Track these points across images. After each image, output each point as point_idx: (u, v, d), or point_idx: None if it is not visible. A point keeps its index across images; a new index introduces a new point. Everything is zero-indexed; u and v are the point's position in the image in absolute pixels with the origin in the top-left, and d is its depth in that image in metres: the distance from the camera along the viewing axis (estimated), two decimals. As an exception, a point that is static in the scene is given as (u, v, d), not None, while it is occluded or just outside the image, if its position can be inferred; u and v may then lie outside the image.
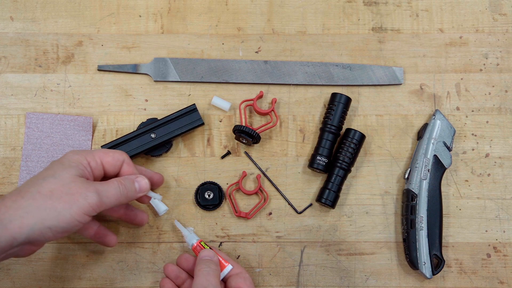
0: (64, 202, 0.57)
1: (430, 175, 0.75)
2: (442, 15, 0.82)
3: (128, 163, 0.66)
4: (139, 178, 0.66)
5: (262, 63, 0.80)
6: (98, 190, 0.60)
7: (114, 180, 0.63)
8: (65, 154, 0.63)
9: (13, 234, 0.55)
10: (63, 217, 0.57)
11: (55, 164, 0.61)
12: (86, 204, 0.58)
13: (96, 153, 0.64)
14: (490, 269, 0.76)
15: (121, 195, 0.63)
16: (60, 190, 0.58)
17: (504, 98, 0.80)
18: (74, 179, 0.59)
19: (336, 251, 0.77)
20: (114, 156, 0.65)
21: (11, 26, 0.81)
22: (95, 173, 0.64)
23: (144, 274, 0.76)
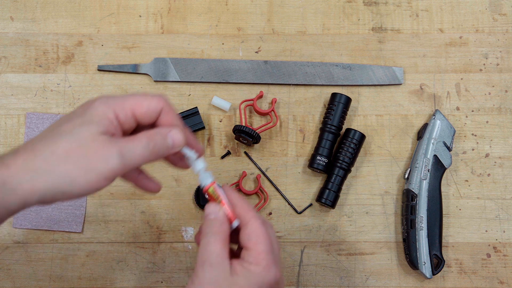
0: (80, 167, 0.49)
1: (430, 175, 0.75)
2: (442, 15, 0.82)
3: (167, 111, 0.54)
4: (173, 132, 0.53)
5: (262, 63, 0.80)
6: (122, 151, 0.50)
7: (143, 136, 0.52)
8: (92, 103, 0.52)
9: (24, 198, 0.49)
10: (78, 184, 0.49)
11: (76, 117, 0.51)
12: (106, 169, 0.49)
13: (128, 102, 0.52)
14: (490, 269, 0.76)
15: (150, 154, 0.52)
16: (77, 152, 0.49)
17: (504, 98, 0.80)
18: (94, 138, 0.50)
19: (336, 251, 0.77)
20: (149, 106, 0.53)
21: (11, 26, 0.81)
22: (124, 127, 0.53)
23: (144, 274, 0.76)
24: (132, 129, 0.54)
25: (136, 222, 0.77)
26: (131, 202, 0.77)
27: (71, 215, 0.76)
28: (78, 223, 0.76)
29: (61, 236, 0.76)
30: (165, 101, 0.54)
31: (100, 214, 0.77)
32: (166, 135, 0.53)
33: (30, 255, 0.76)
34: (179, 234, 0.76)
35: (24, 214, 0.76)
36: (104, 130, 0.50)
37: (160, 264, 0.76)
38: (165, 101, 0.54)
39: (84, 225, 0.76)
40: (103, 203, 0.77)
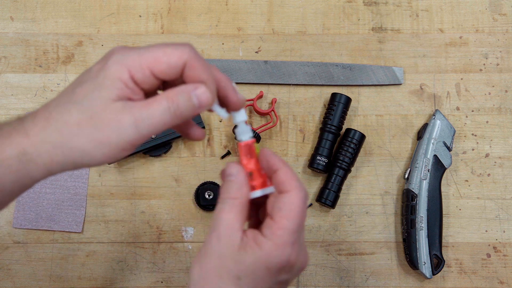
0: (93, 141, 0.45)
1: (430, 175, 0.75)
2: (442, 15, 0.82)
3: (192, 65, 0.46)
4: (199, 90, 0.47)
5: (262, 63, 0.80)
6: (137, 120, 0.45)
7: (162, 98, 0.46)
8: (106, 60, 0.47)
9: (46, 168, 0.47)
10: (94, 158, 0.46)
11: (89, 79, 0.47)
12: (120, 141, 0.45)
13: (144, 59, 0.46)
14: (490, 269, 0.76)
15: (173, 118, 0.46)
16: (89, 123, 0.45)
17: (504, 98, 0.80)
18: (105, 106, 0.45)
19: (336, 251, 0.77)
20: (169, 62, 0.46)
21: (11, 26, 0.81)
22: (144, 86, 0.47)
23: (144, 274, 0.76)
24: (155, 87, 0.48)
25: (136, 222, 0.77)
26: (131, 202, 0.77)
27: (71, 215, 0.76)
28: (78, 223, 0.76)
29: (61, 236, 0.76)
30: (189, 53, 0.46)
31: (100, 214, 0.77)
32: (191, 93, 0.46)
33: (30, 255, 0.76)
34: (179, 234, 0.76)
35: (24, 214, 0.76)
36: (117, 94, 0.45)
37: (160, 264, 0.76)
38: (189, 53, 0.46)
39: (84, 225, 0.76)
40: (103, 203, 0.77)
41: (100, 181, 0.77)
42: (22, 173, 0.46)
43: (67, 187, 0.77)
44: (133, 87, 0.46)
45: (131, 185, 0.77)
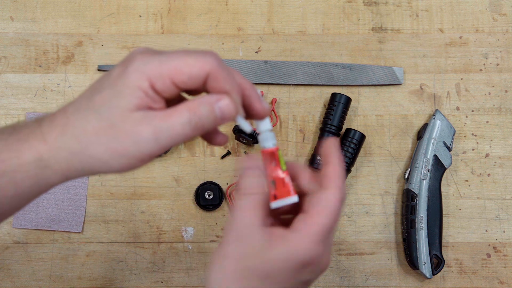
0: (110, 151, 0.44)
1: (430, 175, 0.75)
2: (442, 15, 0.82)
3: (216, 77, 0.44)
4: (223, 102, 0.44)
5: (262, 63, 0.80)
6: (157, 132, 0.43)
7: (184, 109, 0.44)
8: (126, 67, 0.45)
9: (64, 174, 0.46)
10: (111, 167, 0.45)
11: (108, 87, 0.45)
12: (138, 154, 0.44)
13: (165, 69, 0.44)
14: (490, 269, 0.76)
15: (194, 130, 0.44)
16: (107, 133, 0.44)
17: (504, 98, 0.80)
18: (124, 117, 0.44)
19: (336, 251, 0.76)
20: (191, 74, 0.44)
21: (11, 26, 0.81)
22: (164, 95, 0.45)
23: (144, 274, 0.76)
24: (176, 96, 0.46)
25: (136, 222, 0.77)
26: (131, 202, 0.77)
27: (71, 215, 0.76)
28: (78, 223, 0.76)
29: (61, 236, 0.76)
30: (212, 64, 0.44)
31: (100, 214, 0.77)
32: (214, 105, 0.44)
33: (30, 255, 0.76)
34: (179, 234, 0.76)
35: (24, 214, 0.76)
36: (136, 104, 0.44)
37: (160, 264, 0.76)
38: (212, 63, 0.44)
39: (84, 225, 0.76)
40: (103, 203, 0.77)
41: (100, 181, 0.77)
42: (39, 178, 0.45)
43: (67, 187, 0.77)
44: (153, 95, 0.44)
45: (131, 185, 0.77)
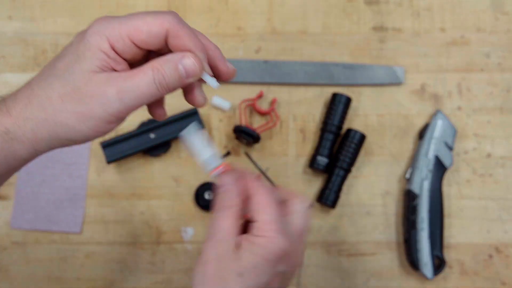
0: (77, 115, 0.44)
1: (431, 175, 0.75)
2: (444, 14, 0.81)
3: (176, 34, 0.45)
4: (186, 59, 0.45)
5: (262, 62, 0.80)
6: (121, 92, 0.44)
7: (147, 69, 0.45)
8: (85, 32, 0.45)
9: (32, 147, 0.46)
10: (79, 132, 0.45)
11: (70, 52, 0.46)
12: (104, 115, 0.44)
13: (124, 28, 0.45)
14: (492, 270, 0.76)
15: (159, 89, 0.45)
16: (72, 96, 0.44)
17: (506, 98, 0.79)
18: (88, 79, 0.44)
19: (337, 251, 0.76)
20: (150, 32, 0.44)
21: (9, 26, 0.80)
22: (126, 56, 0.46)
23: (143, 275, 0.75)
24: (140, 57, 0.47)
25: (136, 223, 0.76)
26: (130, 202, 0.77)
27: (70, 216, 0.76)
28: (77, 224, 0.76)
29: (60, 237, 0.76)
30: (172, 21, 0.45)
31: (99, 215, 0.76)
32: (177, 63, 0.45)
33: (28, 256, 0.75)
34: (179, 234, 0.76)
35: (22, 215, 0.75)
36: (99, 65, 0.44)
37: (159, 265, 0.75)
38: (172, 21, 0.45)
39: (83, 226, 0.76)
40: (102, 203, 0.76)
41: (99, 181, 0.77)
42: (6, 152, 0.46)
43: (66, 188, 0.76)
44: (115, 57, 0.45)
45: (131, 185, 0.77)
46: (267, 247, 0.47)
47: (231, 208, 0.49)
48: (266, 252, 0.47)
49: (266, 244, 0.47)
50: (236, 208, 0.49)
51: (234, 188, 0.49)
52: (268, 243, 0.47)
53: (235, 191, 0.49)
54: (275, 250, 0.47)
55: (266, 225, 0.48)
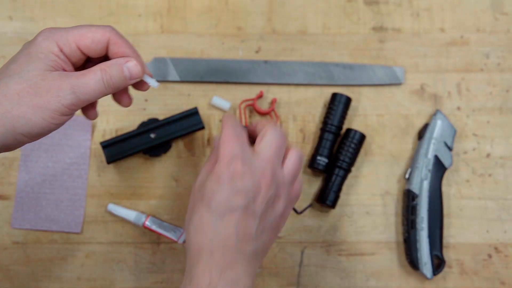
0: (33, 107, 0.49)
1: (431, 175, 0.75)
2: (443, 15, 0.81)
3: (116, 42, 0.53)
4: (130, 63, 0.53)
5: (262, 62, 0.80)
6: (74, 87, 0.50)
7: (96, 69, 0.52)
8: (34, 39, 0.52)
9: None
10: (35, 124, 0.50)
11: (23, 56, 0.51)
12: (59, 106, 0.50)
13: (71, 35, 0.52)
14: (491, 269, 0.76)
15: (106, 87, 0.52)
16: (28, 91, 0.49)
17: (505, 98, 0.80)
18: (43, 76, 0.50)
19: (337, 251, 0.76)
20: (94, 38, 0.52)
21: (10, 26, 0.80)
22: (72, 60, 0.53)
23: (143, 275, 0.75)
24: (81, 62, 0.54)
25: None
26: (131, 202, 0.77)
27: (70, 216, 0.76)
28: (77, 224, 0.76)
29: (60, 237, 0.76)
30: (111, 32, 0.53)
31: (99, 215, 0.76)
32: (122, 66, 0.53)
33: (29, 256, 0.75)
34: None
35: (23, 214, 0.76)
36: (52, 66, 0.51)
37: (159, 265, 0.76)
38: (111, 31, 0.53)
39: (83, 226, 0.76)
40: (102, 203, 0.76)
41: (100, 181, 0.77)
42: None
43: (66, 187, 0.76)
44: (64, 59, 0.52)
45: (131, 185, 0.77)
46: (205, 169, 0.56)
47: (238, 126, 0.57)
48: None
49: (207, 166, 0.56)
50: (245, 137, 0.57)
51: (239, 122, 0.58)
52: (219, 167, 0.54)
53: (241, 124, 0.59)
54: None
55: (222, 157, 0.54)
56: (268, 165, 0.55)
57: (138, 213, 0.74)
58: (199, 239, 0.53)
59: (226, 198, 0.53)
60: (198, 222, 0.53)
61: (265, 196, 0.54)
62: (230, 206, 0.52)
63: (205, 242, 0.53)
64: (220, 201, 0.53)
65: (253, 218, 0.53)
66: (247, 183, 0.53)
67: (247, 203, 0.53)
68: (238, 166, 0.53)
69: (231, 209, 0.52)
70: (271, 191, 0.54)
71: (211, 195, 0.53)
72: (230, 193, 0.53)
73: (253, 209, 0.53)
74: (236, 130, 0.56)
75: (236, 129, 0.56)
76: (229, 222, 0.52)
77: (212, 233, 0.53)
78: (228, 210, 0.52)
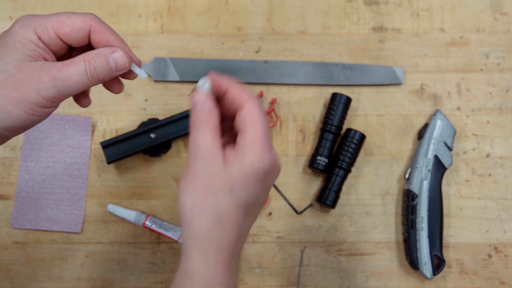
0: (12, 100, 0.46)
1: (430, 175, 0.75)
2: (443, 15, 0.81)
3: (99, 30, 0.49)
4: (116, 54, 0.49)
5: (262, 62, 0.80)
6: (55, 79, 0.47)
7: (80, 60, 0.48)
8: (11, 28, 0.48)
9: None
10: (17, 118, 0.47)
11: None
12: (40, 99, 0.47)
13: (49, 22, 0.49)
14: (491, 269, 0.76)
15: (90, 79, 0.48)
16: (7, 84, 0.46)
17: (505, 98, 0.80)
18: (22, 67, 0.47)
19: (337, 251, 0.76)
20: (74, 26, 0.49)
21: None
22: (52, 48, 0.49)
23: (144, 275, 0.75)
24: (63, 51, 0.50)
25: (136, 223, 0.76)
26: (131, 202, 0.77)
27: (71, 215, 0.76)
28: (77, 223, 0.76)
29: (61, 237, 0.76)
30: (93, 20, 0.49)
31: (99, 214, 0.76)
32: (108, 57, 0.49)
33: (29, 256, 0.75)
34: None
35: (23, 214, 0.76)
36: (31, 55, 0.47)
37: (159, 265, 0.76)
38: (93, 19, 0.49)
39: (84, 226, 0.76)
40: (102, 203, 0.77)
41: (100, 181, 0.77)
42: None
43: (67, 187, 0.76)
44: (44, 47, 0.48)
45: (131, 185, 0.77)
46: (258, 161, 0.47)
47: (209, 123, 0.48)
48: (257, 167, 0.47)
49: (257, 158, 0.47)
50: (214, 123, 0.49)
51: (209, 104, 0.49)
52: (259, 157, 0.47)
53: (210, 107, 0.49)
54: (265, 166, 0.47)
55: (257, 139, 0.48)
56: (257, 175, 0.48)
57: (138, 213, 0.74)
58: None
59: (254, 195, 0.48)
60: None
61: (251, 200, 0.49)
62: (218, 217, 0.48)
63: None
64: (249, 196, 0.48)
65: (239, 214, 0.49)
66: (272, 181, 0.50)
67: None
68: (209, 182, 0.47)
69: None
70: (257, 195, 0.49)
71: (243, 188, 0.48)
72: (260, 190, 0.49)
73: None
74: (208, 126, 0.49)
75: (208, 124, 0.49)
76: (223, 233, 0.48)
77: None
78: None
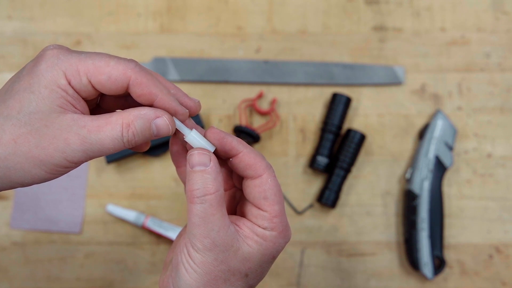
0: (34, 160, 0.40)
1: (431, 176, 0.75)
2: (444, 14, 0.81)
3: (140, 82, 0.41)
4: (160, 120, 0.41)
5: (262, 62, 0.79)
6: (85, 142, 0.40)
7: (117, 123, 0.40)
8: (38, 62, 0.41)
9: None
10: (35, 176, 0.41)
11: (23, 89, 0.40)
12: (64, 162, 0.40)
13: (83, 65, 0.40)
14: (492, 270, 0.76)
15: (125, 145, 0.41)
16: (27, 139, 0.39)
17: (506, 98, 0.79)
18: (48, 121, 0.40)
19: (337, 251, 0.76)
20: (111, 75, 0.40)
21: (9, 25, 0.80)
22: (82, 95, 0.41)
23: (143, 275, 0.75)
24: (93, 98, 0.43)
25: (135, 223, 0.76)
26: (130, 202, 0.76)
27: (70, 216, 0.76)
28: (76, 224, 0.76)
29: (60, 237, 0.76)
30: (134, 70, 0.41)
31: (98, 215, 0.76)
32: (151, 122, 0.41)
33: (28, 256, 0.75)
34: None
35: (22, 215, 0.75)
36: (59, 104, 0.40)
37: (159, 265, 0.75)
38: (134, 70, 0.41)
39: (83, 226, 0.76)
40: (101, 203, 0.76)
41: (99, 182, 0.77)
42: None
43: (66, 188, 0.76)
44: (74, 94, 0.41)
45: (130, 185, 0.77)
46: (279, 243, 0.43)
47: (215, 194, 0.41)
48: (275, 251, 0.43)
49: (277, 240, 0.43)
50: (221, 192, 0.42)
51: (214, 166, 0.42)
52: (280, 238, 0.43)
53: (216, 171, 0.42)
54: (283, 246, 0.44)
55: (278, 217, 0.43)
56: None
57: (138, 213, 0.74)
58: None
59: (264, 276, 0.45)
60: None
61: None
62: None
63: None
64: (261, 278, 0.45)
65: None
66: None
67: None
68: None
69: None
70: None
71: (258, 272, 0.45)
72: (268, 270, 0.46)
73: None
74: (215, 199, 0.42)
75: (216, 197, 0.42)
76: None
77: None
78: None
